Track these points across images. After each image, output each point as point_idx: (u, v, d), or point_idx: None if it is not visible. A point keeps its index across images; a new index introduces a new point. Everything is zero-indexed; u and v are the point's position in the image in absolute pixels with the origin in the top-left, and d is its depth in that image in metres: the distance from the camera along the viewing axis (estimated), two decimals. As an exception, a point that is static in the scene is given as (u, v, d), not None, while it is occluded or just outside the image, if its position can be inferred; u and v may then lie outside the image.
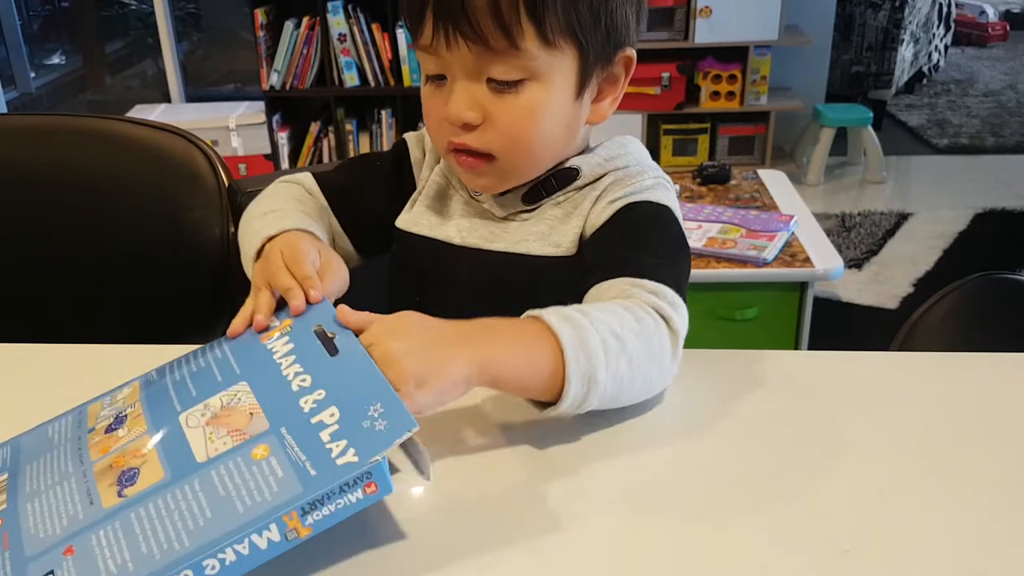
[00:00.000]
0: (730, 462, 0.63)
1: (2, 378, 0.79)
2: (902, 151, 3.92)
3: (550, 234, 0.79)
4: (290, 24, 3.36)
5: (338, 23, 3.32)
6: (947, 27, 4.67)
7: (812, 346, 2.03)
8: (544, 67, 0.72)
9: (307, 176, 0.88)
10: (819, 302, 2.08)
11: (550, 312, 0.64)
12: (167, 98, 3.92)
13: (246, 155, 3.55)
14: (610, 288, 0.71)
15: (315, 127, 3.58)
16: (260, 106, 3.54)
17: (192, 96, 4.03)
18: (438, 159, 0.86)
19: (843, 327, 2.53)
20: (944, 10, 4.50)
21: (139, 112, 3.63)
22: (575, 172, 0.80)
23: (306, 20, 3.36)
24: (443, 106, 0.74)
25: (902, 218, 3.22)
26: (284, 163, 3.54)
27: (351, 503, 0.51)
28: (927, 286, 2.72)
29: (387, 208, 0.87)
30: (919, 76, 4.63)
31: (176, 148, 1.14)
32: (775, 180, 2.45)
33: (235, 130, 3.53)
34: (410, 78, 3.38)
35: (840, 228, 3.13)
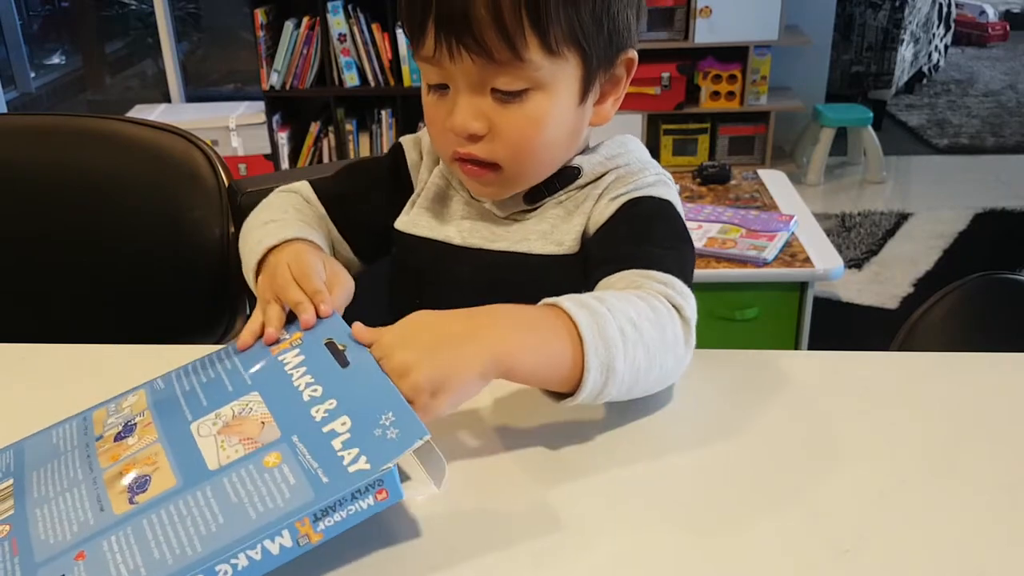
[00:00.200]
0: (729, 462, 0.63)
1: (2, 378, 0.79)
2: (902, 151, 3.92)
3: (552, 233, 0.79)
4: (290, 24, 3.36)
5: (338, 23, 3.32)
6: (947, 27, 4.67)
7: (812, 346, 2.03)
8: (548, 76, 0.71)
9: (304, 185, 0.88)
10: (819, 302, 2.08)
11: (566, 299, 0.63)
12: (167, 98, 3.92)
13: (246, 155, 3.55)
14: (619, 280, 0.70)
15: (315, 127, 3.58)
16: (260, 106, 3.54)
17: (192, 96, 4.03)
18: (436, 161, 0.86)
19: (843, 327, 2.53)
20: (944, 10, 4.50)
21: (139, 112, 3.63)
22: (576, 171, 0.80)
23: (306, 20, 3.36)
24: (447, 116, 0.73)
25: (902, 218, 3.22)
26: (284, 163, 3.54)
27: (362, 509, 0.51)
28: (927, 286, 2.72)
29: (385, 212, 0.87)
30: (919, 76, 4.63)
31: (176, 148, 1.14)
32: (775, 180, 2.45)
33: (235, 130, 3.53)
34: (410, 78, 3.38)
35: (840, 228, 3.13)
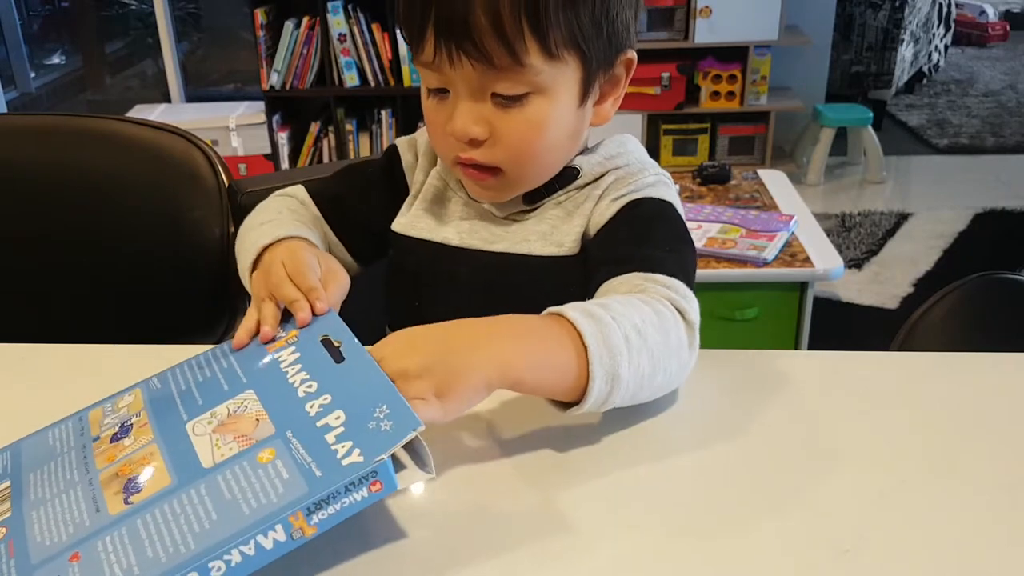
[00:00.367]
0: (729, 462, 0.63)
1: (2, 378, 0.79)
2: (902, 151, 3.92)
3: (552, 234, 0.79)
4: (290, 24, 3.36)
5: (338, 23, 3.32)
6: (947, 27, 4.67)
7: (812, 346, 2.03)
8: (548, 80, 0.71)
9: (299, 188, 0.88)
10: (819, 302, 2.08)
11: (571, 308, 0.63)
12: (167, 98, 3.92)
13: (246, 155, 3.55)
14: (622, 283, 0.70)
15: (315, 127, 3.58)
16: (260, 106, 3.54)
17: (192, 96, 4.03)
18: (432, 162, 0.86)
19: (843, 327, 2.53)
20: (944, 10, 4.50)
21: (139, 112, 3.63)
22: (576, 172, 0.80)
23: (306, 20, 3.36)
24: (447, 121, 0.73)
25: (902, 218, 3.22)
26: (284, 163, 3.54)
27: (356, 501, 0.51)
28: (927, 286, 2.72)
29: (381, 214, 0.87)
30: (919, 76, 4.63)
31: (176, 148, 1.14)
32: (775, 180, 2.45)
33: (235, 130, 3.53)
34: (410, 78, 3.38)
35: (840, 228, 3.13)
